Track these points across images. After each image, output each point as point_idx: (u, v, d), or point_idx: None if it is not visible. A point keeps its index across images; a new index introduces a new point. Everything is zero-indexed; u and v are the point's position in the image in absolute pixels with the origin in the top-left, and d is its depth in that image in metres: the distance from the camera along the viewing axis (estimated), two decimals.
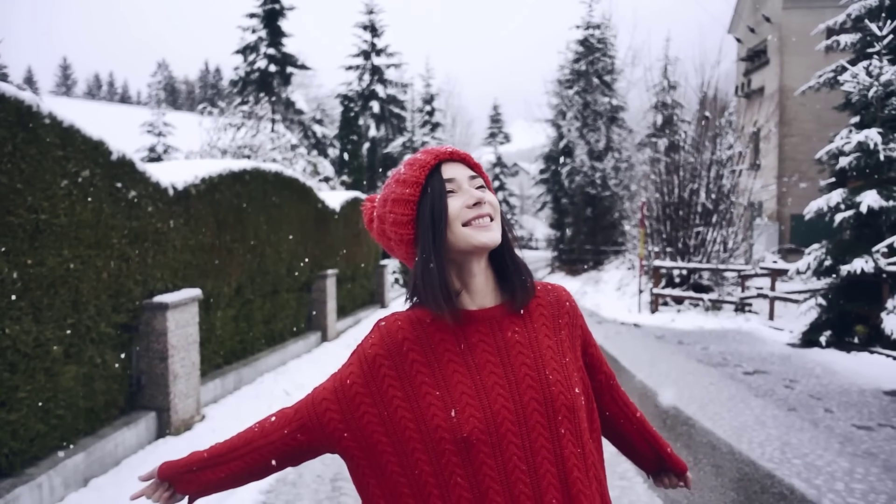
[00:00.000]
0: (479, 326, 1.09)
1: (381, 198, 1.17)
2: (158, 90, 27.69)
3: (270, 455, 1.17)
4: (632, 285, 16.18)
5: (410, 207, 1.10)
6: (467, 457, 1.00)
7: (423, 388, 1.06)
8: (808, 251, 9.71)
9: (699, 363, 8.17)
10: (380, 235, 1.18)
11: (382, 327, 1.14)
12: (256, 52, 22.55)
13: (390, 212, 1.13)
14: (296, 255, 8.10)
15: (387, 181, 1.17)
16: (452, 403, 1.03)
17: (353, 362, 1.14)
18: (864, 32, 12.05)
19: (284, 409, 1.19)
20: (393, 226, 1.12)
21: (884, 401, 6.24)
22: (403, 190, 1.11)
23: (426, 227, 1.08)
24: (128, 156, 4.47)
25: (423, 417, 1.04)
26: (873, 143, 8.89)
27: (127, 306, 4.50)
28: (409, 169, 1.12)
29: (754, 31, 22.37)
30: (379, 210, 1.17)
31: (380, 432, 1.07)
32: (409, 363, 1.08)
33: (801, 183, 19.24)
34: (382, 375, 1.09)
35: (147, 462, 4.27)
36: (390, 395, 1.08)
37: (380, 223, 1.17)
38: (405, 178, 1.11)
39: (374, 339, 1.13)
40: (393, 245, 1.16)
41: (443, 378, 1.06)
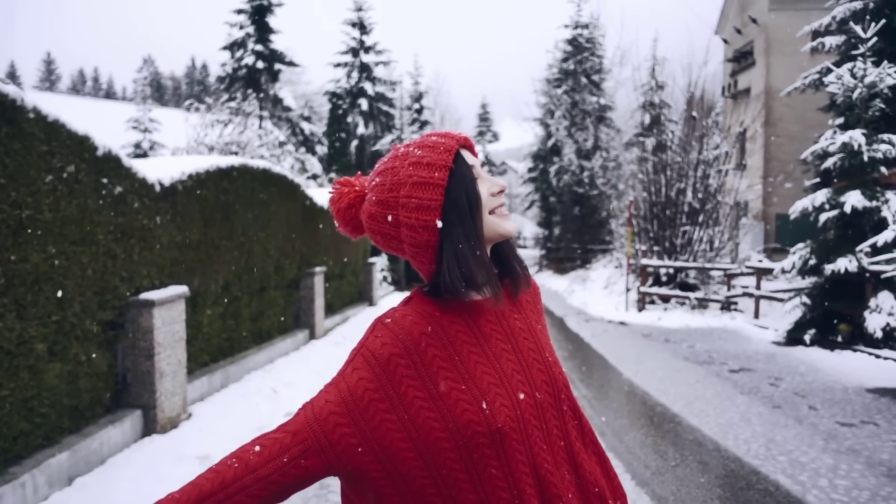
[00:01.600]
0: (487, 316, 1.09)
1: (388, 183, 1.06)
2: (144, 86, 27.25)
3: (264, 493, 0.98)
4: (619, 284, 16.27)
5: (439, 192, 1.03)
6: (501, 448, 1.00)
7: (447, 384, 1.01)
8: (793, 250, 9.81)
9: (685, 361, 8.23)
10: (376, 222, 1.08)
11: (391, 324, 1.05)
12: (244, 48, 22.39)
13: (411, 196, 1.03)
14: (284, 252, 8.06)
15: (390, 165, 1.08)
16: (482, 396, 1.01)
17: (361, 366, 1.02)
18: (849, 35, 12.20)
19: (270, 436, 1.01)
20: (416, 211, 1.03)
21: (867, 398, 6.33)
22: (430, 174, 1.04)
23: (464, 213, 1.04)
24: (114, 151, 4.42)
25: (451, 415, 0.99)
26: (857, 144, 8.99)
27: (113, 303, 4.46)
28: (431, 152, 1.06)
29: (741, 33, 22.56)
30: (383, 195, 1.06)
31: (400, 439, 0.99)
32: (429, 359, 1.02)
33: (787, 183, 19.44)
34: (400, 377, 1.01)
35: (133, 461, 4.23)
36: (410, 396, 1.00)
37: (382, 208, 1.06)
38: (430, 162, 1.05)
39: (385, 337, 1.03)
40: (402, 232, 1.05)
41: (466, 371, 1.03)
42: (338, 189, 1.15)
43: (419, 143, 1.08)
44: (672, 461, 4.54)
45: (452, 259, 1.03)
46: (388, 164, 1.09)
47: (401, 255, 1.11)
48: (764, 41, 20.64)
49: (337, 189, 1.15)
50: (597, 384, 6.94)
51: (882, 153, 8.98)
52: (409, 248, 1.06)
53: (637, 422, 5.54)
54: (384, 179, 1.08)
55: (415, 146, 1.08)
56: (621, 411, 5.91)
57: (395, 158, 1.09)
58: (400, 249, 1.08)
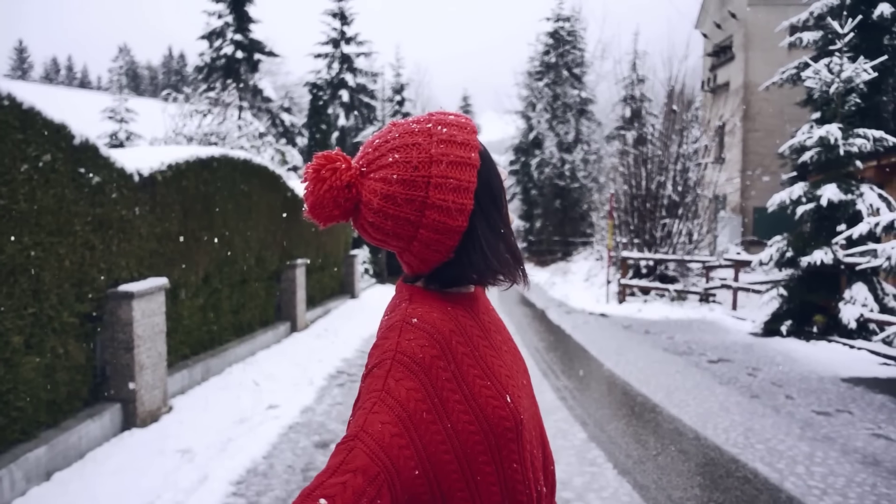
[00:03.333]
0: (479, 308, 1.08)
1: (414, 160, 0.95)
2: (120, 75, 26.65)
3: None
4: (600, 276, 16.40)
5: (475, 174, 0.97)
6: (520, 441, 0.97)
7: (477, 382, 0.96)
8: (771, 243, 9.96)
9: (665, 352, 8.33)
10: (394, 204, 0.94)
11: (421, 324, 0.96)
12: (223, 37, 22.06)
13: (448, 177, 0.94)
14: (265, 244, 7.99)
15: (410, 141, 0.96)
16: (504, 389, 0.98)
17: (404, 376, 0.90)
18: (826, 30, 12.39)
19: (332, 482, 0.79)
20: (453, 193, 0.94)
21: (841, 387, 6.46)
22: (467, 154, 0.97)
23: (497, 197, 1.01)
24: (91, 140, 4.33)
25: (483, 414, 0.94)
26: (834, 139, 9.14)
27: (91, 295, 4.38)
28: (460, 131, 0.98)
29: (720, 27, 22.75)
30: (407, 174, 0.94)
31: (445, 451, 0.90)
32: (459, 358, 0.96)
33: (764, 176, 19.71)
34: (443, 381, 0.93)
35: (112, 455, 4.18)
36: (451, 401, 0.92)
37: (406, 189, 0.94)
38: (463, 141, 0.98)
39: (421, 339, 0.94)
40: (428, 216, 0.94)
41: (486, 366, 0.99)
42: (330, 164, 0.96)
43: (439, 120, 0.99)
44: (653, 450, 4.59)
45: (489, 245, 0.98)
46: (407, 140, 0.96)
47: (397, 245, 0.98)
48: (743, 36, 20.85)
49: (328, 164, 0.96)
50: (578, 375, 6.99)
51: (857, 147, 9.13)
52: (429, 235, 0.95)
53: (618, 412, 5.60)
54: (407, 157, 0.95)
55: (435, 123, 0.98)
56: (603, 402, 5.96)
57: (413, 134, 0.97)
58: (405, 238, 0.96)
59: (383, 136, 0.99)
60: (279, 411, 5.41)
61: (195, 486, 3.80)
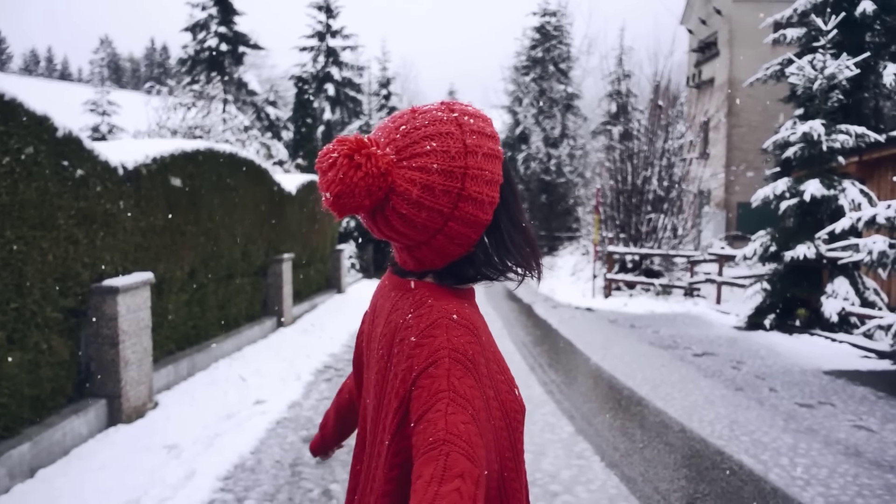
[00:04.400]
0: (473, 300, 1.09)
1: (451, 150, 0.91)
2: (101, 67, 26.29)
3: None
4: (586, 270, 16.48)
5: (501, 168, 0.96)
6: (522, 429, 0.99)
7: (497, 377, 0.95)
8: (754, 238, 10.07)
9: (651, 346, 8.40)
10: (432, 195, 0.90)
11: (463, 321, 0.93)
12: (207, 30, 21.81)
13: (483, 169, 0.93)
14: (251, 238, 7.93)
15: (443, 129, 0.92)
16: (513, 382, 0.98)
17: (464, 374, 0.87)
18: (810, 27, 12.51)
19: (445, 489, 0.76)
20: (487, 186, 0.93)
21: (823, 380, 6.55)
22: (496, 147, 0.96)
23: (516, 193, 1.00)
24: (74, 132, 4.27)
25: (504, 408, 0.94)
26: (817, 134, 9.24)
27: (75, 290, 4.32)
28: (487, 125, 0.96)
29: (706, 23, 22.89)
30: (446, 164, 0.90)
31: (488, 450, 0.88)
32: (488, 353, 0.95)
33: (748, 172, 19.90)
34: (485, 377, 0.91)
35: (98, 451, 4.13)
36: (490, 397, 0.91)
37: (445, 179, 0.90)
38: (492, 134, 0.96)
39: (467, 335, 0.91)
40: (462, 209, 0.92)
41: (498, 360, 0.99)
42: (363, 148, 0.88)
43: (463, 110, 0.96)
44: (640, 443, 4.63)
45: (512, 239, 0.98)
46: (441, 128, 0.92)
47: (419, 238, 0.93)
48: (728, 32, 20.99)
49: (361, 148, 0.88)
50: (565, 369, 7.03)
51: (840, 143, 9.25)
52: (457, 228, 0.92)
53: (605, 405, 5.64)
54: (445, 146, 0.91)
55: (461, 113, 0.95)
56: (589, 395, 6.00)
57: (443, 122, 0.93)
58: (432, 230, 0.92)
59: (408, 122, 0.94)
60: (266, 406, 5.39)
61: (182, 482, 3.78)
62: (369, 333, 1.11)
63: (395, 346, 0.94)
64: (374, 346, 1.04)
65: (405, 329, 0.93)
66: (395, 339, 0.95)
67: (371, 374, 1.05)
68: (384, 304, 1.05)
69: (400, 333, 0.94)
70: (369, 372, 1.06)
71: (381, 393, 0.96)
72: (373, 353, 1.05)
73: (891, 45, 12.18)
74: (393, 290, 1.04)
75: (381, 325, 1.02)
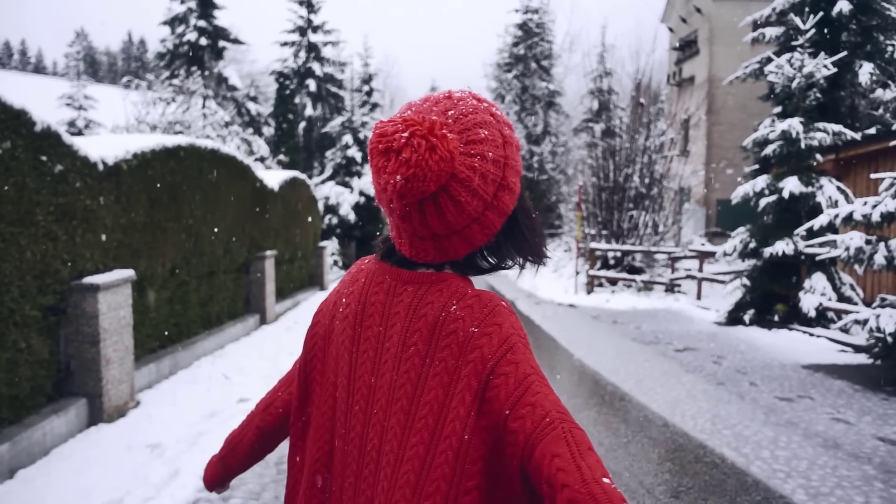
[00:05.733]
0: None
1: (497, 140, 0.91)
2: (77, 61, 25.53)
3: None
4: (568, 267, 16.58)
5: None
6: None
7: None
8: (734, 234, 10.19)
9: (633, 341, 8.47)
10: (486, 183, 0.90)
11: (509, 307, 0.97)
12: (186, 23, 21.54)
13: (516, 160, 0.95)
14: (233, 235, 7.85)
15: (483, 118, 0.91)
16: None
17: (532, 354, 0.92)
18: (788, 26, 12.68)
19: (599, 461, 0.81)
20: (516, 176, 0.95)
21: (802, 374, 6.66)
22: (517, 139, 0.98)
23: (523, 185, 1.01)
24: (53, 127, 4.19)
25: None
26: (795, 132, 9.38)
27: (54, 288, 4.24)
28: (505, 117, 0.97)
29: (686, 22, 23.11)
30: (497, 153, 0.91)
31: None
32: None
33: (728, 169, 20.14)
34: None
35: (78, 451, 4.07)
36: None
37: (496, 169, 0.91)
38: (512, 126, 0.98)
39: (518, 321, 0.95)
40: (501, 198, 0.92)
41: None
42: (437, 129, 0.85)
43: (488, 101, 0.95)
44: (624, 437, 4.68)
45: (528, 228, 1.00)
46: (484, 117, 0.91)
47: (458, 227, 0.91)
48: (708, 30, 21.21)
49: (433, 128, 0.85)
50: (549, 365, 7.07)
51: (818, 141, 9.40)
52: (492, 217, 0.92)
53: (589, 401, 5.68)
54: (493, 135, 0.91)
55: (489, 103, 0.94)
56: (574, 391, 6.04)
57: (481, 111, 0.92)
58: (471, 219, 0.91)
59: (453, 106, 0.91)
60: (250, 405, 5.34)
61: (166, 481, 3.73)
62: (355, 334, 1.02)
63: (440, 339, 0.92)
64: (373, 344, 0.99)
65: (455, 321, 0.92)
66: (437, 332, 0.92)
67: (364, 374, 0.99)
68: (390, 300, 1.00)
69: (447, 326, 0.92)
70: (357, 373, 1.00)
71: (417, 390, 0.93)
72: (367, 354, 0.99)
73: (866, 44, 12.40)
74: (408, 283, 0.99)
75: (398, 322, 0.97)
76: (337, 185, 19.98)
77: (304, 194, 12.09)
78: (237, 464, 1.26)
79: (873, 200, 6.71)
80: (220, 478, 1.27)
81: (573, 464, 0.77)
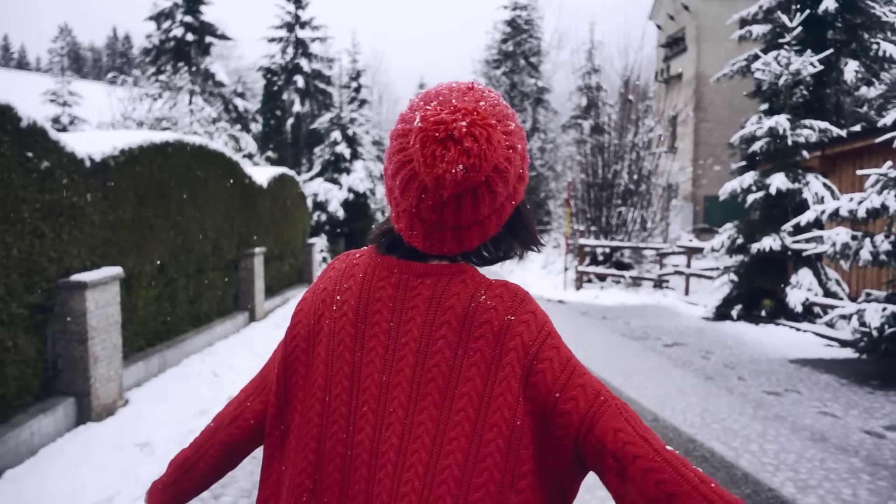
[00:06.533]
0: None
1: (521, 133, 0.94)
2: (61, 57, 25.29)
3: None
4: (557, 263, 16.63)
5: None
6: None
7: None
8: (722, 230, 10.28)
9: (622, 337, 8.52)
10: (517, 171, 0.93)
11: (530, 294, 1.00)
12: (172, 19, 21.30)
13: (526, 153, 0.98)
14: (222, 232, 7.79)
15: (505, 111, 0.91)
16: None
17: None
18: (775, 24, 12.77)
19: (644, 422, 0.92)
20: (527, 168, 0.97)
21: (789, 368, 6.73)
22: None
23: None
24: (39, 123, 4.13)
25: None
26: (783, 129, 9.46)
27: (41, 286, 4.19)
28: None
29: (674, 19, 23.22)
30: (522, 145, 0.93)
31: None
32: None
33: (715, 166, 20.28)
34: None
35: (67, 450, 4.03)
36: None
37: (522, 161, 0.94)
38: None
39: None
40: (518, 188, 0.95)
41: None
42: (488, 118, 0.86)
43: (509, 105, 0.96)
44: None
45: (527, 218, 1.01)
46: (506, 110, 0.92)
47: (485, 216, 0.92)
48: (695, 28, 21.32)
49: (487, 117, 0.86)
50: None
51: (804, 138, 9.48)
52: (508, 207, 0.94)
53: None
54: (517, 127, 0.92)
55: (499, 97, 0.94)
56: None
57: (502, 103, 0.93)
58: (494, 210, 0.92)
59: (482, 98, 0.90)
60: None
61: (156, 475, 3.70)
62: (357, 332, 0.97)
63: (473, 329, 0.92)
64: (382, 341, 0.95)
65: (487, 310, 0.92)
66: (468, 322, 0.92)
67: (372, 373, 0.95)
68: (402, 295, 0.96)
69: (479, 316, 0.92)
70: (363, 373, 0.95)
71: (451, 382, 0.91)
72: (375, 351, 0.95)
73: (851, 42, 12.52)
74: (424, 276, 0.96)
75: (417, 316, 0.94)
76: (325, 181, 19.90)
77: (293, 191, 12.03)
78: (193, 485, 1.13)
79: (859, 196, 6.78)
80: (175, 501, 1.14)
81: (639, 437, 0.85)
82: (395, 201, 0.95)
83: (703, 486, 0.80)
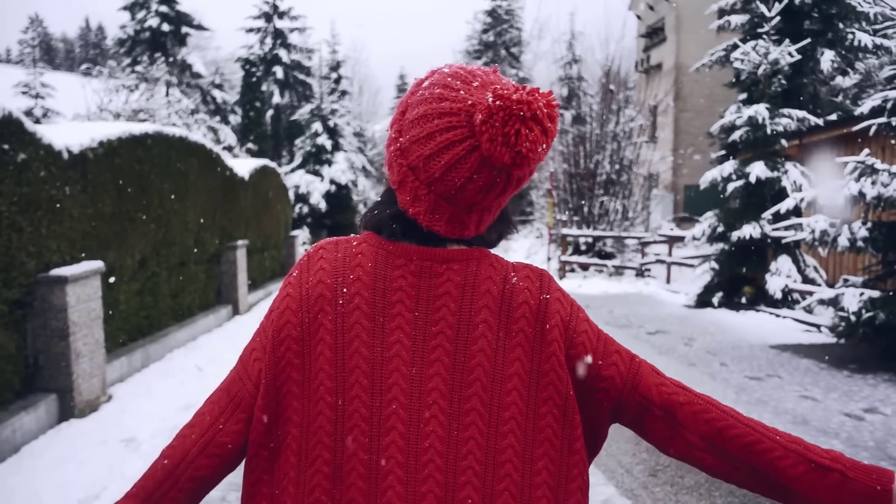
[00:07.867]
0: None
1: None
2: (32, 48, 24.61)
3: None
4: (540, 253, 16.71)
5: None
6: None
7: None
8: (703, 219, 10.39)
9: (606, 325, 8.58)
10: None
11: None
12: (147, 9, 20.94)
13: None
14: (204, 225, 7.70)
15: None
16: None
17: None
18: (753, 14, 12.88)
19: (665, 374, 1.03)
20: None
21: (770, 354, 6.85)
22: None
23: None
24: (15, 114, 4.04)
25: None
26: (762, 118, 9.56)
27: (20, 281, 4.11)
28: None
29: (653, 9, 23.33)
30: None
31: None
32: None
33: (695, 155, 20.49)
34: None
35: (50, 447, 3.97)
36: None
37: None
38: None
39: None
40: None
41: None
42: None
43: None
44: None
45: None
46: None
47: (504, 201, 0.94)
48: (675, 18, 21.45)
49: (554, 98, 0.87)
50: None
51: (783, 126, 9.60)
52: (513, 191, 0.94)
53: None
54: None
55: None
56: None
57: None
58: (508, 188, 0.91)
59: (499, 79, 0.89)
60: None
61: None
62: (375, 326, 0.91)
63: (512, 310, 0.94)
64: (407, 332, 0.91)
65: (522, 291, 0.95)
66: (506, 304, 0.94)
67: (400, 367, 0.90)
68: (427, 282, 0.92)
69: (516, 297, 0.94)
70: (387, 369, 0.90)
71: (497, 365, 0.91)
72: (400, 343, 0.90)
73: (827, 32, 12.67)
74: (450, 262, 0.93)
75: (450, 302, 0.91)
76: (307, 173, 19.75)
77: (275, 183, 11.92)
78: None
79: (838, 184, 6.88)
80: None
81: (678, 387, 0.98)
82: (417, 185, 0.88)
83: (741, 416, 0.96)
